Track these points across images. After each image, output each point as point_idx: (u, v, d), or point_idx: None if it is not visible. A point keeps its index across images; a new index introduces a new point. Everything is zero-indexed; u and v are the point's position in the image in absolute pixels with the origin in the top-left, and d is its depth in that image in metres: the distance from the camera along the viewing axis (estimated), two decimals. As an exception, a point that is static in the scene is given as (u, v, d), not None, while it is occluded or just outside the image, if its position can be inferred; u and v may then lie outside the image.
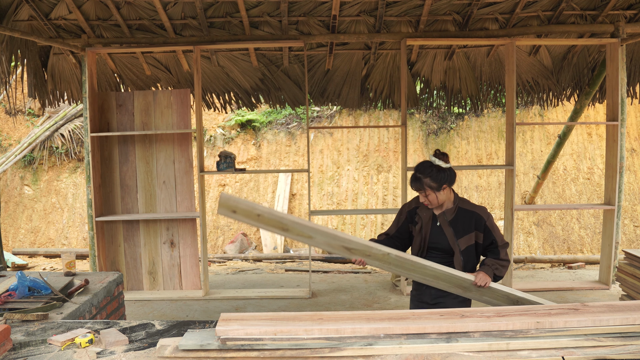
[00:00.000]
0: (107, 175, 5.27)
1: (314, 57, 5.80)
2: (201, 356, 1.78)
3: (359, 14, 5.19)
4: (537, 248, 8.04)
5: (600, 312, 1.94)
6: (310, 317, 1.96)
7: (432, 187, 2.49)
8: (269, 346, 1.78)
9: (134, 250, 5.27)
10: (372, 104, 6.30)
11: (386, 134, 9.15)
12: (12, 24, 5.07)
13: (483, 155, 8.84)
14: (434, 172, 2.47)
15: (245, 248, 8.14)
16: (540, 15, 5.27)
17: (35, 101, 9.39)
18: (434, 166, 2.49)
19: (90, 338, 2.00)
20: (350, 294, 5.21)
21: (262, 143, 9.39)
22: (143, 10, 5.13)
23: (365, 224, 8.43)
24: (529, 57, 5.88)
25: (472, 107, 6.46)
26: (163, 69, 5.92)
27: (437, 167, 2.48)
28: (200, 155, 5.07)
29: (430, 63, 5.92)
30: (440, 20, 5.30)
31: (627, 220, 8.16)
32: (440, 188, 2.49)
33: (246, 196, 8.92)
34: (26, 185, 9.10)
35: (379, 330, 1.85)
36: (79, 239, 8.62)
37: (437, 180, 2.47)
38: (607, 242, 5.12)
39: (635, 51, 5.73)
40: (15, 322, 2.29)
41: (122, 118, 5.24)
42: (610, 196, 5.09)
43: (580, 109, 6.31)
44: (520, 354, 1.76)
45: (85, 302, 2.69)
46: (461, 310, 2.07)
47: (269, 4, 5.02)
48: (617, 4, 5.18)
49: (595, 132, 8.86)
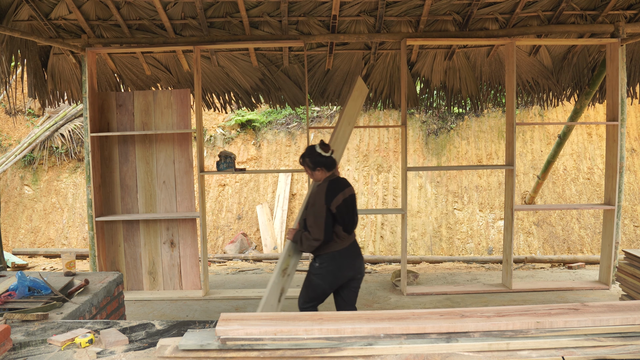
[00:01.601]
0: (107, 175, 5.27)
1: (314, 57, 5.80)
2: (201, 356, 1.78)
3: (359, 14, 5.19)
4: (537, 248, 8.04)
5: (600, 312, 1.94)
6: (310, 317, 1.96)
7: (309, 167, 3.22)
8: (269, 346, 1.78)
9: (134, 250, 5.27)
10: (372, 104, 6.30)
11: (386, 134, 9.15)
12: (12, 24, 5.07)
13: (483, 155, 8.84)
14: (313, 156, 3.20)
15: (245, 248, 8.14)
16: (540, 15, 5.27)
17: (35, 101, 9.39)
18: (316, 152, 3.20)
19: (90, 338, 2.00)
20: (350, 294, 5.20)
21: (262, 143, 9.39)
22: (143, 10, 5.13)
23: (365, 224, 8.43)
24: (529, 57, 5.88)
25: (472, 107, 6.47)
26: (163, 69, 5.92)
27: (317, 153, 3.20)
28: (200, 155, 5.07)
29: (430, 63, 5.92)
30: (440, 20, 5.30)
31: (627, 220, 8.16)
32: (315, 169, 3.21)
33: (246, 196, 8.93)
34: (26, 185, 9.09)
35: (379, 330, 1.85)
36: (79, 239, 8.62)
37: (314, 162, 3.20)
38: (607, 242, 5.12)
39: (635, 51, 5.73)
40: (15, 322, 2.29)
41: (122, 118, 5.24)
42: (610, 196, 5.09)
43: (580, 109, 6.31)
44: (520, 354, 1.76)
45: (85, 302, 2.69)
46: (461, 310, 2.07)
47: (269, 4, 5.02)
48: (617, 4, 5.18)
49: (595, 132, 8.86)
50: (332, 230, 3.09)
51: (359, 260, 3.25)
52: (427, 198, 8.59)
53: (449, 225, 8.34)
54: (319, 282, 3.18)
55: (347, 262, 3.18)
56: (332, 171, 3.22)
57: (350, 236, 3.21)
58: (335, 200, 3.08)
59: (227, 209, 8.86)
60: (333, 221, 3.09)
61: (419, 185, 8.70)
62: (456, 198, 8.53)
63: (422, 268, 6.87)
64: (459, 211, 8.45)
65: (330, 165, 3.18)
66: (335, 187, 3.14)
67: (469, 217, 8.36)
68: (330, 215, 3.06)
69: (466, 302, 4.83)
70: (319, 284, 3.19)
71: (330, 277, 3.16)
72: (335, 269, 3.15)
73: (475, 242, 8.16)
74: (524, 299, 4.90)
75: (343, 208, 3.12)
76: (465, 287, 5.26)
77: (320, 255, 3.18)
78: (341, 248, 3.15)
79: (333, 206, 3.07)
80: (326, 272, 3.16)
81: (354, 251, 3.23)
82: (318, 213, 3.05)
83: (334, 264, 3.15)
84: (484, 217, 8.34)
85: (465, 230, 8.27)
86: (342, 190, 3.16)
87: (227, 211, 8.85)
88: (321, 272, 3.17)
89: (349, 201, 3.19)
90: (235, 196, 8.96)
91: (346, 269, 3.18)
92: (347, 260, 3.17)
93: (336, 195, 3.10)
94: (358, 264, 3.24)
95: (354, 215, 3.23)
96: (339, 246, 3.14)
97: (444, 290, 5.16)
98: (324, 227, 3.04)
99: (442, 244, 8.20)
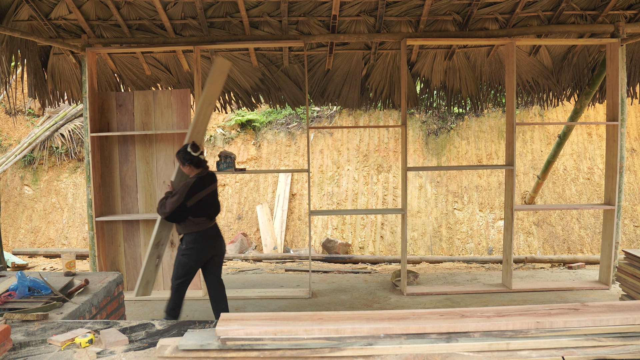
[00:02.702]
0: (107, 175, 5.27)
1: (314, 57, 5.80)
2: (201, 356, 1.78)
3: (359, 14, 5.19)
4: (537, 248, 8.04)
5: (600, 312, 1.94)
6: (310, 317, 1.96)
7: (180, 162, 3.77)
8: (269, 346, 1.78)
9: (134, 250, 5.27)
10: (372, 104, 6.29)
11: (386, 134, 9.15)
12: (12, 24, 5.08)
13: (483, 155, 8.84)
14: (184, 154, 3.74)
15: (245, 248, 8.14)
16: (540, 15, 5.27)
17: (35, 101, 9.39)
18: (187, 151, 3.73)
19: (90, 338, 2.00)
20: (350, 294, 5.21)
21: (262, 143, 9.39)
22: (143, 10, 5.13)
23: (365, 224, 8.43)
24: (529, 57, 5.88)
25: (472, 107, 6.46)
26: (163, 69, 5.92)
27: (188, 152, 3.73)
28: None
29: (430, 63, 5.92)
30: (440, 20, 5.30)
31: (627, 220, 8.16)
32: (184, 164, 3.75)
33: (246, 196, 8.93)
34: (26, 185, 9.09)
35: (379, 330, 1.85)
36: (79, 239, 8.62)
37: (183, 159, 3.74)
38: (607, 242, 5.12)
39: (635, 51, 5.73)
40: (15, 322, 2.29)
41: (122, 118, 5.24)
42: (610, 196, 5.09)
43: (580, 109, 6.31)
44: (520, 354, 1.76)
45: (85, 302, 2.69)
46: (461, 310, 2.07)
47: (269, 4, 5.02)
48: (617, 4, 5.18)
49: (595, 132, 8.86)
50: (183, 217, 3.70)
51: (219, 241, 3.90)
52: (427, 198, 8.59)
53: (449, 225, 8.34)
54: (186, 261, 3.77)
55: (209, 243, 3.81)
56: (201, 169, 3.80)
57: (211, 221, 3.85)
58: (194, 197, 3.68)
59: (227, 209, 8.86)
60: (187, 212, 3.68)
61: (419, 185, 8.70)
62: (456, 198, 8.54)
63: (422, 268, 6.87)
64: (459, 211, 8.45)
65: (197, 163, 3.76)
66: (199, 185, 3.73)
67: (469, 217, 8.36)
68: (185, 208, 3.66)
69: (466, 302, 4.83)
70: (187, 262, 3.77)
71: (195, 255, 3.76)
72: (198, 248, 3.76)
73: (475, 242, 8.16)
74: (524, 299, 4.90)
75: (203, 202, 3.74)
76: (465, 287, 5.26)
77: (185, 239, 3.78)
78: (202, 231, 3.76)
79: (191, 202, 3.67)
80: (191, 252, 3.75)
81: (214, 233, 3.86)
82: (176, 200, 3.65)
83: (197, 244, 3.75)
84: (484, 217, 8.34)
85: (465, 230, 8.27)
86: (206, 188, 3.78)
87: (227, 211, 8.85)
88: (187, 252, 3.75)
89: (211, 195, 3.83)
90: (235, 196, 8.96)
91: (208, 248, 3.81)
92: (208, 242, 3.81)
93: (197, 193, 3.70)
94: (218, 244, 3.90)
95: (216, 205, 3.90)
96: (201, 229, 3.75)
97: (444, 290, 5.16)
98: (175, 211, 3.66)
99: (442, 244, 8.20)
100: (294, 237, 8.50)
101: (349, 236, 8.36)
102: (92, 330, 2.13)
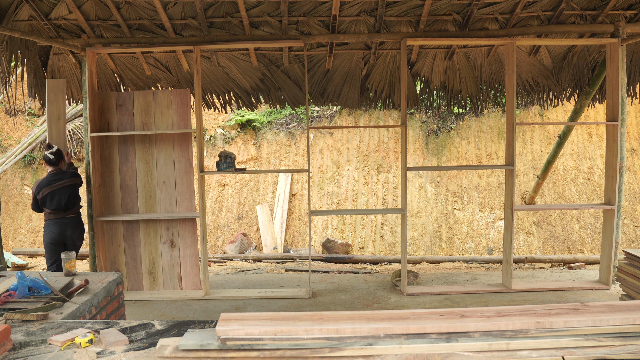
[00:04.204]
0: (107, 175, 5.27)
1: (314, 57, 5.80)
2: (201, 356, 1.78)
3: (359, 14, 5.19)
4: (537, 248, 8.04)
5: (600, 312, 1.94)
6: (310, 317, 1.96)
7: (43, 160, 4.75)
8: (269, 346, 1.78)
9: (134, 250, 5.27)
10: (372, 104, 6.29)
11: (386, 134, 9.15)
12: (12, 24, 5.08)
13: (483, 155, 8.84)
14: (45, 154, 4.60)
15: (245, 248, 8.14)
16: (540, 15, 5.27)
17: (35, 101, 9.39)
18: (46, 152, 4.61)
19: (90, 338, 2.00)
20: (350, 294, 5.21)
21: (262, 143, 9.39)
22: (143, 10, 5.13)
23: (365, 224, 8.43)
24: (529, 57, 5.88)
25: (472, 107, 6.47)
26: (163, 69, 5.92)
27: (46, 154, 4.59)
28: (200, 155, 5.07)
29: (430, 63, 5.92)
30: (440, 20, 5.30)
31: (627, 220, 8.16)
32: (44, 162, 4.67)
33: (246, 196, 8.93)
34: (26, 185, 9.09)
35: (379, 330, 1.85)
36: (79, 239, 8.61)
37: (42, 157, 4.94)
38: (607, 242, 5.12)
39: (635, 51, 5.73)
40: (15, 322, 2.29)
41: (122, 118, 5.24)
42: (610, 196, 5.09)
43: (580, 109, 6.31)
44: (520, 354, 1.76)
45: (85, 302, 2.69)
46: (461, 310, 2.07)
47: (269, 4, 5.02)
48: (617, 4, 5.18)
49: (595, 132, 8.86)
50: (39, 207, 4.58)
51: (69, 230, 4.62)
52: (427, 198, 8.59)
53: (449, 225, 8.34)
54: (46, 242, 4.60)
55: (59, 229, 4.58)
56: (55, 167, 4.60)
57: (65, 212, 4.60)
58: (41, 192, 4.49)
59: (227, 209, 8.86)
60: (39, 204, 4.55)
61: (419, 185, 8.70)
62: (456, 198, 8.54)
63: (422, 268, 6.87)
64: (459, 211, 8.45)
65: (49, 161, 4.58)
66: (49, 181, 4.53)
67: (469, 217, 8.36)
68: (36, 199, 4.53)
69: (466, 302, 4.83)
70: (47, 243, 4.60)
71: (48, 238, 4.58)
72: (50, 232, 4.57)
73: (475, 242, 8.16)
74: (524, 299, 4.90)
75: (48, 197, 4.51)
76: (465, 287, 5.26)
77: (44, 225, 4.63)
78: (53, 219, 4.57)
79: (39, 195, 4.51)
80: (47, 236, 4.59)
81: (65, 223, 4.60)
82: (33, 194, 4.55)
83: (49, 229, 4.58)
84: (484, 217, 8.34)
85: (465, 230, 8.27)
86: (54, 183, 4.53)
87: (227, 211, 8.85)
88: (45, 236, 4.61)
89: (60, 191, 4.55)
90: (235, 196, 8.96)
91: (58, 234, 4.57)
92: (58, 228, 4.57)
93: (43, 188, 4.49)
94: (69, 233, 4.62)
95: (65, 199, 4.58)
96: (53, 218, 4.57)
97: (444, 290, 5.16)
98: (32, 202, 4.59)
99: (442, 244, 8.20)
100: (294, 237, 8.50)
101: (349, 236, 8.36)
102: (92, 330, 2.13)
